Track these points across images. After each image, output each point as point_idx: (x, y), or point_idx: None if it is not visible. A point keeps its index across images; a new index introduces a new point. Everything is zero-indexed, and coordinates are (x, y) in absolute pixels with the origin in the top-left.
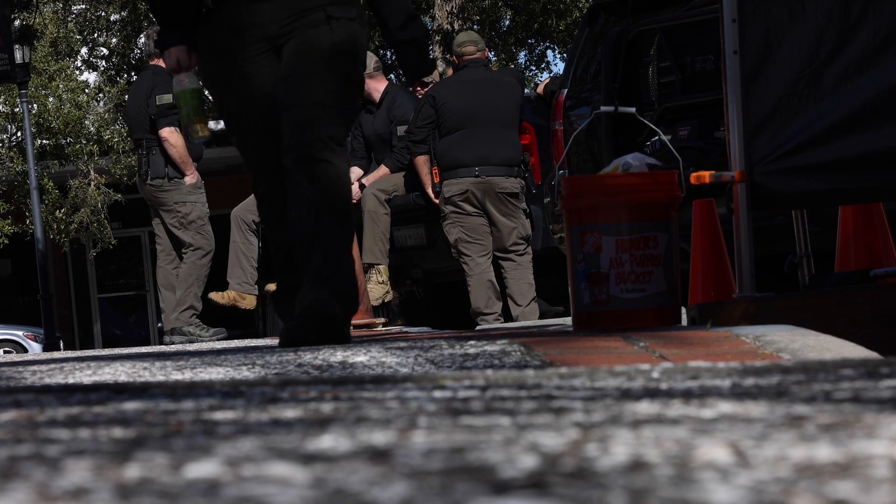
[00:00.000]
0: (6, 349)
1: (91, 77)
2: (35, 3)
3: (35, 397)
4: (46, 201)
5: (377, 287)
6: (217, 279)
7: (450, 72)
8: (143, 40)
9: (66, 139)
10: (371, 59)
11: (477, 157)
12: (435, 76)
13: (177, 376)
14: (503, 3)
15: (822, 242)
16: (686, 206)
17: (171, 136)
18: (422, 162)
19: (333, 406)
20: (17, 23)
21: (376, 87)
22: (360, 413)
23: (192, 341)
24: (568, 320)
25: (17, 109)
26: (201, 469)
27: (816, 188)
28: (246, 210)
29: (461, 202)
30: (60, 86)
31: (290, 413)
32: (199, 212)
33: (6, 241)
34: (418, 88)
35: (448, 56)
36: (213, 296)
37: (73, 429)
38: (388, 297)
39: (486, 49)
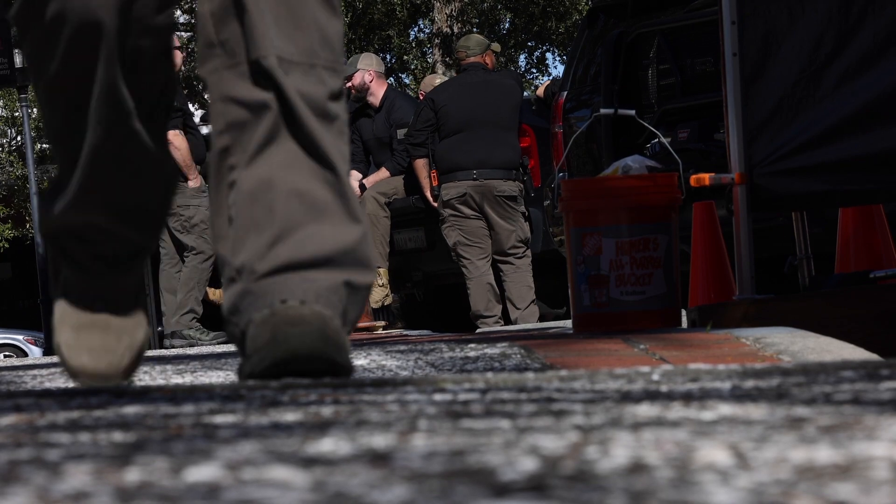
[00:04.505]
0: (6, 353)
1: None
2: None
3: (35, 401)
4: None
5: (377, 290)
6: (217, 282)
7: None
8: None
9: None
10: (373, 62)
11: (475, 160)
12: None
13: (177, 380)
14: (503, 6)
15: (822, 244)
16: (686, 208)
17: (174, 139)
18: (420, 165)
19: (333, 409)
20: None
21: (376, 91)
22: (361, 416)
23: (192, 345)
24: (568, 323)
25: (17, 113)
26: (201, 473)
27: (816, 190)
28: None
29: (459, 205)
30: None
31: (290, 416)
32: (201, 215)
33: (6, 245)
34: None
35: (447, 59)
36: (213, 295)
37: (73, 433)
38: (388, 300)
39: (488, 53)
